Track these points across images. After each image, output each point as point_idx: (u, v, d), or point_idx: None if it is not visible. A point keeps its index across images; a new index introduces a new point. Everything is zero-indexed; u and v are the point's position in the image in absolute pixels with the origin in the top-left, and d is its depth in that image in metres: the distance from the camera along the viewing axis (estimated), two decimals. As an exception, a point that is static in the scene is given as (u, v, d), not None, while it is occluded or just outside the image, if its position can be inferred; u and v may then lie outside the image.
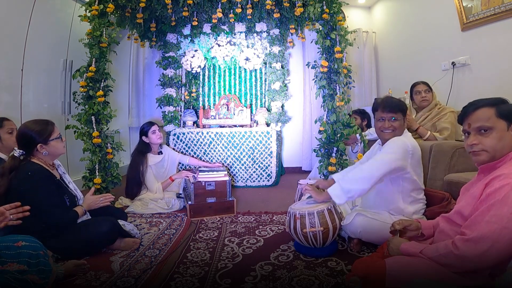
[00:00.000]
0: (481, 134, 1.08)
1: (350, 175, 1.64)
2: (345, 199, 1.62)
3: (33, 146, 1.63)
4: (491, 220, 0.95)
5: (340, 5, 2.61)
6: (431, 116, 2.54)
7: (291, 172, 4.06)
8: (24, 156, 1.63)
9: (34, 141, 1.63)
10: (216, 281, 1.44)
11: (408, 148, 1.64)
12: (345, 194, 1.60)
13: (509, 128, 1.05)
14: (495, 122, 1.05)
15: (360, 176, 1.60)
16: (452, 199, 1.77)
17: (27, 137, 1.62)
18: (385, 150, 1.67)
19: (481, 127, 1.07)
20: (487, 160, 1.08)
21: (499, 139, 1.05)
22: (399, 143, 1.65)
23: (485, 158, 1.08)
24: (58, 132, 1.71)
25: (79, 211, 1.71)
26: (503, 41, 2.51)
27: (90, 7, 2.53)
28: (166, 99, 3.53)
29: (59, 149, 1.72)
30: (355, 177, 1.61)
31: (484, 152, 1.07)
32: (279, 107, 3.66)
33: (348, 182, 1.61)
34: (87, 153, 2.54)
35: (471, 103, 1.12)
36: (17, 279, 1.12)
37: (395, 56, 4.02)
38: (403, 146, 1.64)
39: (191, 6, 3.10)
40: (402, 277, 1.03)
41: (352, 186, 1.59)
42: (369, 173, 1.58)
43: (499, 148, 1.05)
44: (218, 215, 2.44)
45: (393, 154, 1.61)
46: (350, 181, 1.61)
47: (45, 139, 1.65)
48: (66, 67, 3.18)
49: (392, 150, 1.63)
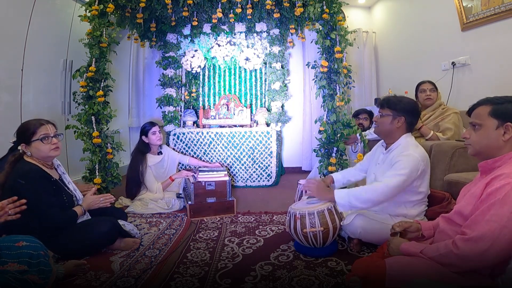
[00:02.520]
0: (473, 129, 1.15)
1: (361, 192, 1.62)
2: (348, 209, 1.70)
3: (18, 144, 1.62)
4: (491, 219, 0.95)
5: (340, 5, 2.61)
6: (434, 116, 2.54)
7: (291, 172, 4.06)
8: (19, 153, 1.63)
9: (19, 140, 1.62)
10: (216, 281, 1.44)
11: (419, 163, 1.60)
12: (350, 208, 1.66)
13: (498, 127, 1.08)
14: (485, 120, 1.11)
15: (370, 197, 1.59)
16: (452, 199, 1.77)
17: (16, 135, 1.63)
18: (394, 168, 1.62)
19: (473, 123, 1.15)
20: (473, 154, 1.16)
21: (484, 136, 1.11)
22: (409, 160, 1.59)
23: (470, 152, 1.17)
24: (43, 133, 1.61)
25: (78, 211, 1.70)
26: (503, 41, 2.51)
27: (90, 7, 2.53)
28: (166, 99, 3.53)
29: (42, 151, 1.61)
30: (365, 197, 1.60)
31: (470, 146, 1.16)
32: (279, 107, 3.66)
33: (357, 199, 1.61)
34: (87, 153, 2.54)
35: (480, 100, 1.17)
36: (18, 279, 1.12)
37: (395, 56, 4.02)
38: (414, 163, 1.59)
39: (191, 6, 3.10)
40: (402, 277, 1.03)
41: (359, 204, 1.62)
42: (378, 196, 1.59)
43: (483, 145, 1.11)
44: (218, 215, 2.44)
45: (402, 175, 1.57)
46: (359, 199, 1.60)
47: (26, 139, 1.60)
48: (66, 67, 3.17)
49: (402, 172, 1.58)
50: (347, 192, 1.66)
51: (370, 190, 1.62)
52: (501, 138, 1.07)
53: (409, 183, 1.60)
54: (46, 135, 1.62)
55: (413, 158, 1.60)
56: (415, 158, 1.60)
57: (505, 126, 1.06)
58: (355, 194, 1.62)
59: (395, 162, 1.63)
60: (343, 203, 1.64)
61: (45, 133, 1.62)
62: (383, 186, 1.59)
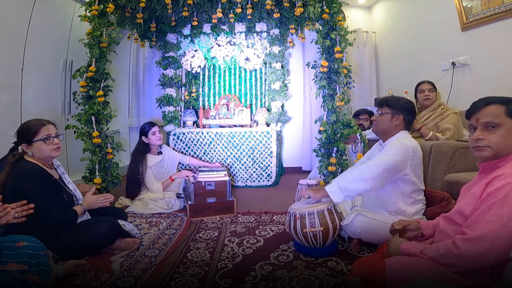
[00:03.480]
0: (488, 130, 1.08)
1: (349, 174, 1.67)
2: (343, 197, 1.61)
3: (19, 144, 1.62)
4: (491, 219, 0.95)
5: (340, 5, 2.61)
6: (434, 116, 2.54)
7: (291, 172, 4.06)
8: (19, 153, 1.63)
9: (20, 140, 1.62)
10: (216, 281, 1.44)
11: (408, 149, 1.64)
12: (342, 192, 1.60)
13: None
14: (504, 120, 1.05)
15: (358, 176, 1.60)
16: (452, 199, 1.77)
17: (17, 135, 1.63)
18: (385, 151, 1.69)
19: (489, 123, 1.07)
20: (489, 157, 1.08)
21: (505, 137, 1.05)
22: (399, 145, 1.65)
23: (488, 154, 1.08)
24: (45, 134, 1.62)
25: (79, 210, 1.70)
26: (503, 41, 2.51)
27: (90, 7, 2.53)
28: (166, 99, 3.53)
29: (44, 151, 1.62)
30: (353, 176, 1.62)
31: (488, 148, 1.07)
32: (279, 107, 3.66)
33: (345, 181, 1.62)
34: (87, 153, 2.54)
35: (482, 99, 1.12)
36: (18, 279, 1.12)
37: (395, 56, 4.02)
38: (403, 148, 1.64)
39: (191, 6, 3.10)
40: (402, 277, 1.03)
41: (349, 185, 1.60)
42: (367, 173, 1.58)
43: (503, 146, 1.05)
44: (218, 215, 2.44)
45: (391, 155, 1.61)
46: (348, 180, 1.62)
47: (28, 139, 1.61)
48: (66, 67, 3.18)
49: (391, 152, 1.64)
50: (335, 180, 1.67)
51: (357, 169, 1.65)
52: None
53: (395, 163, 1.59)
54: (48, 136, 1.64)
55: (403, 144, 1.64)
56: (404, 144, 1.64)
57: None
58: (343, 177, 1.65)
59: (385, 147, 1.70)
60: (334, 191, 1.61)
61: (47, 133, 1.63)
62: (369, 163, 1.63)
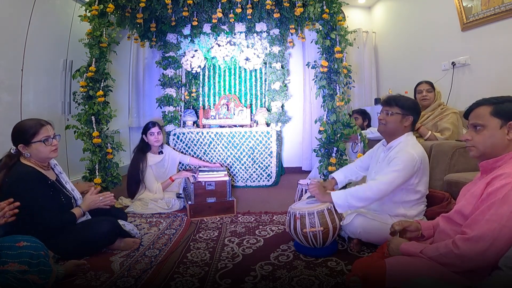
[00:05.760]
0: (475, 131, 1.13)
1: (361, 193, 1.63)
2: (346, 209, 1.70)
3: (16, 145, 1.58)
4: (491, 218, 0.95)
5: (340, 5, 2.61)
6: (433, 116, 2.54)
7: (291, 172, 4.06)
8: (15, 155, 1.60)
9: (16, 140, 1.58)
10: (216, 281, 1.44)
11: (416, 161, 1.61)
12: (349, 207, 1.67)
13: (502, 127, 1.07)
14: (488, 120, 1.09)
15: (368, 196, 1.62)
16: (452, 199, 1.77)
17: (12, 135, 1.59)
18: (393, 165, 1.63)
19: (474, 124, 1.13)
20: (477, 156, 1.14)
21: (488, 137, 1.09)
22: (408, 159, 1.61)
23: (474, 154, 1.14)
24: (45, 135, 1.59)
25: (77, 213, 1.67)
26: (503, 41, 2.51)
27: (90, 7, 2.53)
28: (166, 99, 3.53)
29: (42, 152, 1.59)
30: (363, 195, 1.62)
31: (473, 148, 1.13)
32: (279, 107, 3.66)
33: (355, 199, 1.63)
34: (87, 153, 2.55)
35: (477, 101, 1.16)
36: (18, 279, 1.12)
37: (395, 56, 4.02)
38: (411, 162, 1.60)
39: (191, 6, 3.10)
40: (402, 277, 1.03)
41: (357, 203, 1.64)
42: (376, 193, 1.61)
43: (489, 145, 1.09)
44: (218, 215, 2.44)
45: (401, 171, 1.59)
46: (357, 199, 1.63)
47: (26, 140, 1.56)
48: (66, 67, 3.18)
49: (399, 167, 1.60)
50: (344, 192, 1.67)
51: (367, 188, 1.64)
52: (506, 137, 1.07)
53: (404, 179, 1.61)
54: (48, 137, 1.61)
55: (410, 156, 1.61)
56: (411, 156, 1.61)
57: (508, 125, 1.06)
58: (353, 193, 1.64)
59: (392, 159, 1.66)
60: (341, 204, 1.65)
61: (47, 135, 1.61)
62: (379, 183, 1.62)
